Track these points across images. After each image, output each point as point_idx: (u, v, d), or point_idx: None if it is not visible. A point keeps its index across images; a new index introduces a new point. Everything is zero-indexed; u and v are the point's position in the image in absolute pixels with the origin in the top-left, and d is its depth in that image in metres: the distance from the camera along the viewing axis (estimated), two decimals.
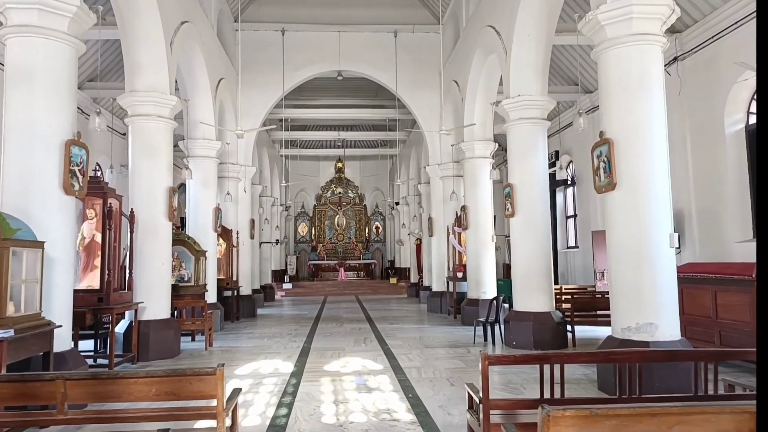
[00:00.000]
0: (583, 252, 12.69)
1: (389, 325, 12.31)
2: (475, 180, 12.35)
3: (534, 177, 9.04)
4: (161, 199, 8.67)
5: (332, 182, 29.17)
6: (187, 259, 10.81)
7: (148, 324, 8.37)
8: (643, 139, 5.69)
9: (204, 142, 11.83)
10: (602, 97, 6.11)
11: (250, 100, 14.65)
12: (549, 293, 8.95)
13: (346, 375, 7.02)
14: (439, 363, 7.69)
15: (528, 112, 9.02)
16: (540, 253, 8.97)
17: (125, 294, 8.03)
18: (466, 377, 6.70)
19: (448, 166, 14.92)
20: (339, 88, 21.20)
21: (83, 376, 3.01)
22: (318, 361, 8.08)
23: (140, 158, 8.64)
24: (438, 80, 15.36)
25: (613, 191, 5.85)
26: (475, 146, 12.16)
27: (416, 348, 9.11)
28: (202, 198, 11.88)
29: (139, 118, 8.65)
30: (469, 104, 12.17)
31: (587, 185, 13.07)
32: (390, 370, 7.29)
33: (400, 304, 18.31)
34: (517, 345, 8.76)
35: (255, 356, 8.55)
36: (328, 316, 14.78)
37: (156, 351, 8.31)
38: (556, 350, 3.68)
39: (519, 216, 9.09)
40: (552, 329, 8.70)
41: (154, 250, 8.57)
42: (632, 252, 5.71)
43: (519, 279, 9.12)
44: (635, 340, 5.61)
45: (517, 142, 9.17)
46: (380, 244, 29.72)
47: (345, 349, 9.14)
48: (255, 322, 13.48)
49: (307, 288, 24.88)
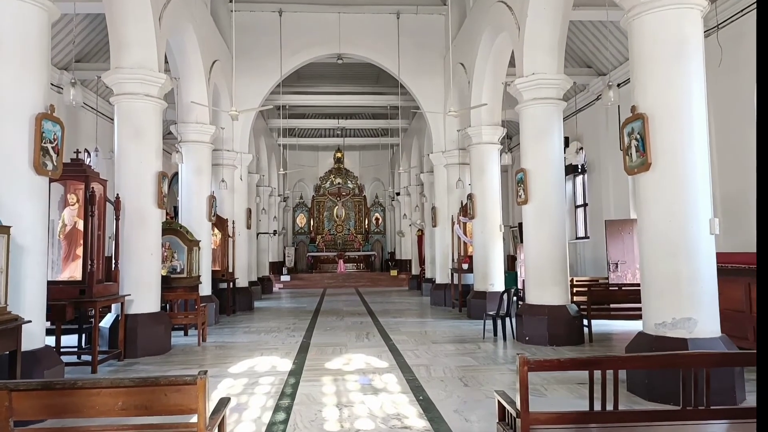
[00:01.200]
0: (593, 243, 12.16)
1: (392, 319, 11.77)
2: (482, 167, 11.76)
3: (548, 161, 8.46)
4: (150, 184, 8.07)
5: (331, 172, 28.53)
6: (180, 250, 10.22)
7: (136, 318, 7.80)
8: (681, 113, 5.11)
9: (197, 127, 11.22)
10: (635, 67, 5.52)
11: (246, 84, 14.02)
12: (564, 285, 8.40)
13: (349, 374, 6.46)
14: (449, 360, 7.14)
15: (542, 91, 8.42)
16: (554, 242, 8.40)
17: (110, 286, 7.46)
18: (479, 377, 6.15)
19: (453, 154, 14.33)
20: (339, 75, 20.56)
21: (33, 386, 2.44)
22: (318, 358, 7.53)
23: (127, 141, 8.04)
24: (442, 65, 14.74)
25: (646, 172, 5.27)
26: (483, 131, 11.57)
27: (422, 343, 8.56)
28: (195, 186, 11.28)
29: (125, 97, 8.04)
30: (477, 87, 11.55)
31: (599, 173, 12.51)
32: (396, 368, 6.73)
33: (401, 297, 17.77)
34: (530, 341, 8.22)
35: (251, 352, 8.00)
36: (328, 309, 14.23)
37: (144, 347, 7.75)
38: (607, 354, 3.05)
39: (532, 203, 8.51)
40: (568, 324, 8.16)
41: (142, 240, 7.99)
42: (668, 239, 5.14)
43: (532, 270, 8.56)
44: (671, 337, 5.05)
45: (530, 124, 8.58)
46: (380, 235, 29.15)
47: (347, 344, 8.59)
48: (252, 316, 12.92)
49: (305, 280, 24.33)
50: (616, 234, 11.16)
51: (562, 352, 7.59)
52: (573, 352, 7.59)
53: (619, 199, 11.81)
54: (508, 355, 7.51)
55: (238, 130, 14.15)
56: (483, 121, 11.57)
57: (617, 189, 11.87)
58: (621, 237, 11.10)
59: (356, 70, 20.49)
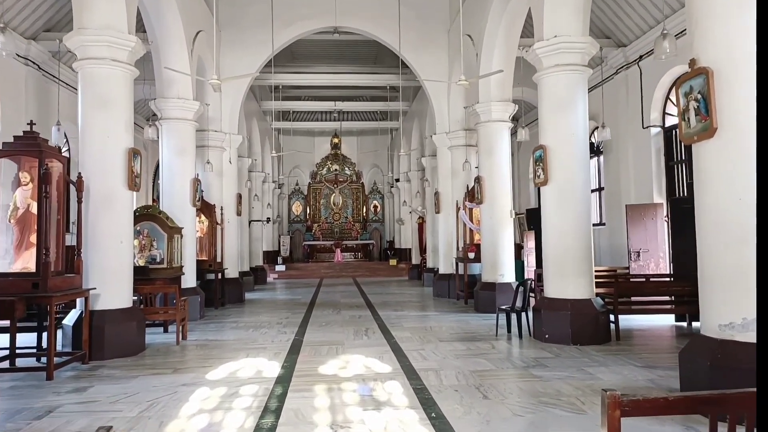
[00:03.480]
0: (610, 229, 11.24)
1: (393, 313, 10.84)
2: (491, 147, 10.78)
3: (572, 136, 7.48)
4: (118, 162, 7.08)
5: (328, 159, 27.51)
6: (159, 238, 9.25)
7: (104, 315, 6.85)
8: (754, 65, 4.11)
9: (179, 102, 10.20)
10: (692, 13, 4.53)
11: (234, 59, 12.99)
12: (589, 277, 7.46)
13: (347, 381, 5.53)
14: (461, 364, 6.21)
15: (566, 57, 7.42)
16: (578, 227, 7.46)
17: (71, 278, 6.49)
18: (500, 385, 5.22)
19: (458, 135, 13.35)
20: (335, 55, 19.48)
21: None
22: (311, 360, 6.59)
23: (92, 112, 7.03)
24: (446, 38, 13.71)
25: (710, 139, 4.30)
26: (492, 108, 10.57)
27: (428, 341, 7.63)
28: (177, 167, 10.28)
29: (89, 62, 7.03)
30: (486, 60, 10.54)
31: (617, 154, 11.54)
32: (401, 373, 5.80)
33: (401, 288, 16.85)
34: (550, 339, 7.29)
35: (235, 353, 7.06)
36: (324, 301, 13.30)
37: (113, 347, 6.81)
38: (737, 391, 2.05)
39: (553, 183, 7.55)
40: (593, 320, 7.23)
41: (110, 225, 7.02)
42: (736, 222, 4.17)
43: (552, 260, 7.62)
44: (741, 341, 4.12)
45: (551, 94, 7.59)
46: (379, 223, 28.21)
47: (344, 343, 7.66)
48: (242, 309, 11.99)
49: (301, 270, 23.40)
50: (637, 220, 10.22)
51: (588, 352, 6.66)
52: (601, 352, 6.67)
53: (640, 181, 10.86)
54: (527, 356, 6.57)
55: (226, 109, 13.13)
56: (492, 97, 10.57)
57: (639, 171, 10.92)
58: (643, 223, 10.16)
59: (354, 50, 19.43)
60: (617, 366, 5.98)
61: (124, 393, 5.21)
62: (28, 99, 10.31)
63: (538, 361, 6.24)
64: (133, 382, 5.64)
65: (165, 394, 5.15)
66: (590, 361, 6.23)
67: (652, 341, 7.55)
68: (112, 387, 5.46)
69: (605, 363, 6.13)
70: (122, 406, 4.79)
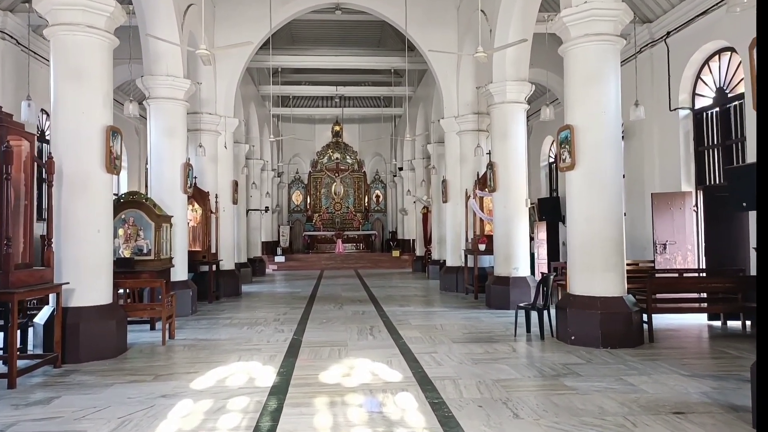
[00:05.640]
0: (631, 220, 10.48)
1: (399, 308, 10.11)
2: (505, 131, 9.99)
3: (603, 115, 6.70)
4: (95, 141, 6.31)
5: (329, 147, 26.68)
6: (146, 227, 8.50)
7: (79, 312, 6.12)
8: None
9: (168, 80, 9.40)
10: None
11: (229, 37, 12.13)
12: (620, 271, 6.70)
13: (351, 392, 4.79)
14: (481, 371, 5.47)
15: (597, 25, 6.62)
16: (609, 217, 6.70)
17: (40, 272, 5.75)
18: (530, 399, 4.48)
19: (468, 119, 12.55)
20: (337, 37, 18.65)
21: None
22: (311, 364, 5.85)
23: (64, 85, 6.25)
24: (455, 14, 12.86)
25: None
26: (507, 88, 9.77)
27: (440, 343, 6.90)
28: (166, 151, 9.50)
29: (62, 28, 6.24)
30: (501, 36, 9.71)
31: (640, 138, 10.73)
32: (414, 383, 5.06)
33: (405, 281, 16.13)
34: (576, 341, 6.55)
35: (226, 356, 6.33)
36: (325, 294, 12.57)
37: (89, 349, 6.08)
38: None
39: (581, 168, 6.77)
40: (625, 320, 6.48)
41: (86, 213, 6.27)
42: None
43: (578, 253, 6.86)
44: None
45: (579, 67, 6.79)
46: (381, 214, 27.43)
47: (347, 343, 6.92)
48: (238, 303, 11.26)
49: (301, 261, 22.67)
50: (664, 210, 9.45)
51: (621, 357, 5.93)
52: (636, 357, 5.94)
53: (666, 168, 10.05)
54: (554, 362, 5.83)
55: (221, 91, 12.34)
56: (507, 76, 9.77)
57: (665, 157, 10.11)
58: (670, 213, 9.38)
59: (356, 32, 18.60)
60: (659, 374, 5.25)
61: (94, 406, 4.48)
62: (4, 76, 9.49)
63: (568, 368, 5.50)
64: (107, 391, 4.91)
65: (140, 408, 4.42)
66: (627, 368, 5.49)
67: (688, 344, 6.81)
68: (81, 398, 4.73)
69: (645, 371, 5.39)
70: (88, 424, 4.06)
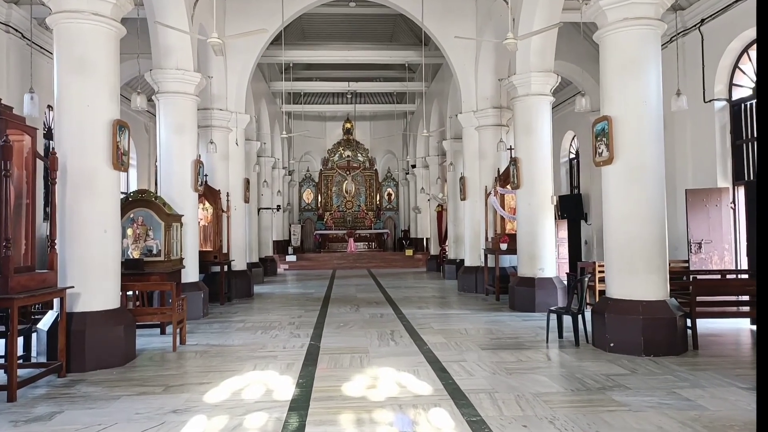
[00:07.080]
0: None
1: (417, 311, 9.69)
2: (529, 124, 9.53)
3: (643, 105, 6.23)
4: (101, 137, 5.94)
5: (340, 144, 26.27)
6: (155, 226, 8.13)
7: (84, 318, 5.76)
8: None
9: (178, 74, 9.02)
10: None
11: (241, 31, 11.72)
12: (663, 273, 6.23)
13: (379, 408, 4.37)
14: (518, 383, 5.03)
15: (636, 8, 6.15)
16: (651, 214, 6.24)
17: (43, 275, 5.38)
18: (578, 417, 4.03)
19: (487, 113, 12.08)
20: (349, 32, 18.24)
21: None
22: (332, 374, 5.44)
23: (68, 77, 5.88)
24: (473, 6, 12.40)
25: None
26: (532, 79, 9.30)
27: (467, 349, 6.47)
28: (176, 147, 9.13)
29: (65, 16, 5.86)
30: (525, 24, 9.23)
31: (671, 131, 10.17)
32: (446, 396, 4.63)
33: (420, 281, 15.68)
34: (616, 348, 6.09)
35: (241, 364, 5.93)
36: (340, 296, 12.16)
37: (96, 357, 5.71)
38: None
39: (620, 162, 6.30)
40: (669, 326, 6.01)
41: (92, 212, 5.90)
42: None
43: (616, 254, 6.40)
44: None
45: (617, 54, 6.32)
46: (393, 212, 27.00)
47: (368, 350, 6.51)
48: (250, 305, 10.89)
49: (313, 261, 22.29)
50: (699, 207, 8.96)
51: (668, 366, 5.47)
52: (684, 366, 5.47)
53: (701, 163, 9.54)
54: (596, 372, 5.37)
55: (232, 86, 11.97)
56: (532, 67, 9.30)
57: (699, 151, 9.59)
58: (706, 210, 8.89)
59: (369, 27, 18.18)
60: (714, 387, 4.78)
61: (99, 423, 4.10)
62: (9, 71, 9.17)
63: (613, 380, 5.05)
64: (113, 405, 4.53)
65: (150, 425, 4.03)
66: (677, 380, 5.03)
67: (734, 351, 6.33)
68: (85, 413, 4.35)
69: (697, 383, 4.93)
70: None
